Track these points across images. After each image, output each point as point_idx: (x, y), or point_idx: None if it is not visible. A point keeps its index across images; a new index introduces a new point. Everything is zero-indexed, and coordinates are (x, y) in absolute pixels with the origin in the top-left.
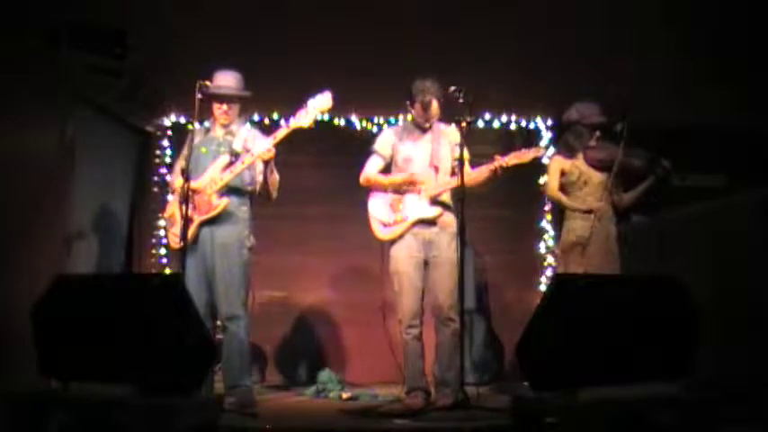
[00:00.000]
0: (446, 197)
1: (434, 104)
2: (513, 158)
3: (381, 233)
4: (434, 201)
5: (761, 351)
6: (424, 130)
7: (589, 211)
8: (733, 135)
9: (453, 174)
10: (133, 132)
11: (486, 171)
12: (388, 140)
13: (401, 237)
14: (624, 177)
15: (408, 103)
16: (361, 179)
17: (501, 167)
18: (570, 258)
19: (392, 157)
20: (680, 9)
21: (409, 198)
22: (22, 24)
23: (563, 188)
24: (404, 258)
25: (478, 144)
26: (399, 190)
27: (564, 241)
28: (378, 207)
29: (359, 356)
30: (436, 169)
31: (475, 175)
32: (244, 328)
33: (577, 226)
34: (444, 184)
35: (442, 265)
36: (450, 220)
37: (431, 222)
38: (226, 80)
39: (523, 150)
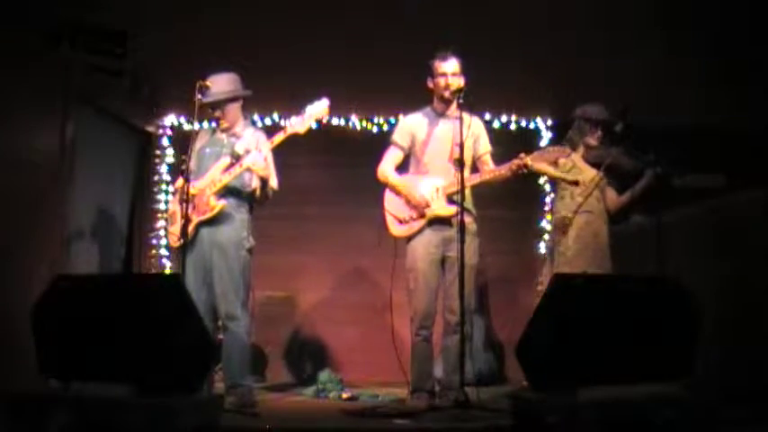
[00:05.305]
0: (467, 195)
1: (459, 77)
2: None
3: (396, 230)
4: (452, 199)
5: (761, 351)
6: (444, 116)
7: (575, 183)
8: (733, 135)
9: (475, 170)
10: (133, 132)
11: (508, 170)
12: (406, 129)
13: (417, 233)
14: (620, 178)
15: (429, 79)
16: (378, 173)
17: (524, 168)
18: (555, 238)
19: (411, 148)
20: (680, 9)
21: (426, 195)
22: (23, 24)
23: (554, 180)
24: (421, 255)
25: None
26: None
27: (552, 223)
28: (393, 203)
29: (359, 356)
30: (456, 164)
31: (498, 172)
32: (243, 328)
33: (562, 206)
34: (465, 180)
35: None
36: (469, 220)
37: (448, 222)
38: (213, 85)
39: (548, 149)
